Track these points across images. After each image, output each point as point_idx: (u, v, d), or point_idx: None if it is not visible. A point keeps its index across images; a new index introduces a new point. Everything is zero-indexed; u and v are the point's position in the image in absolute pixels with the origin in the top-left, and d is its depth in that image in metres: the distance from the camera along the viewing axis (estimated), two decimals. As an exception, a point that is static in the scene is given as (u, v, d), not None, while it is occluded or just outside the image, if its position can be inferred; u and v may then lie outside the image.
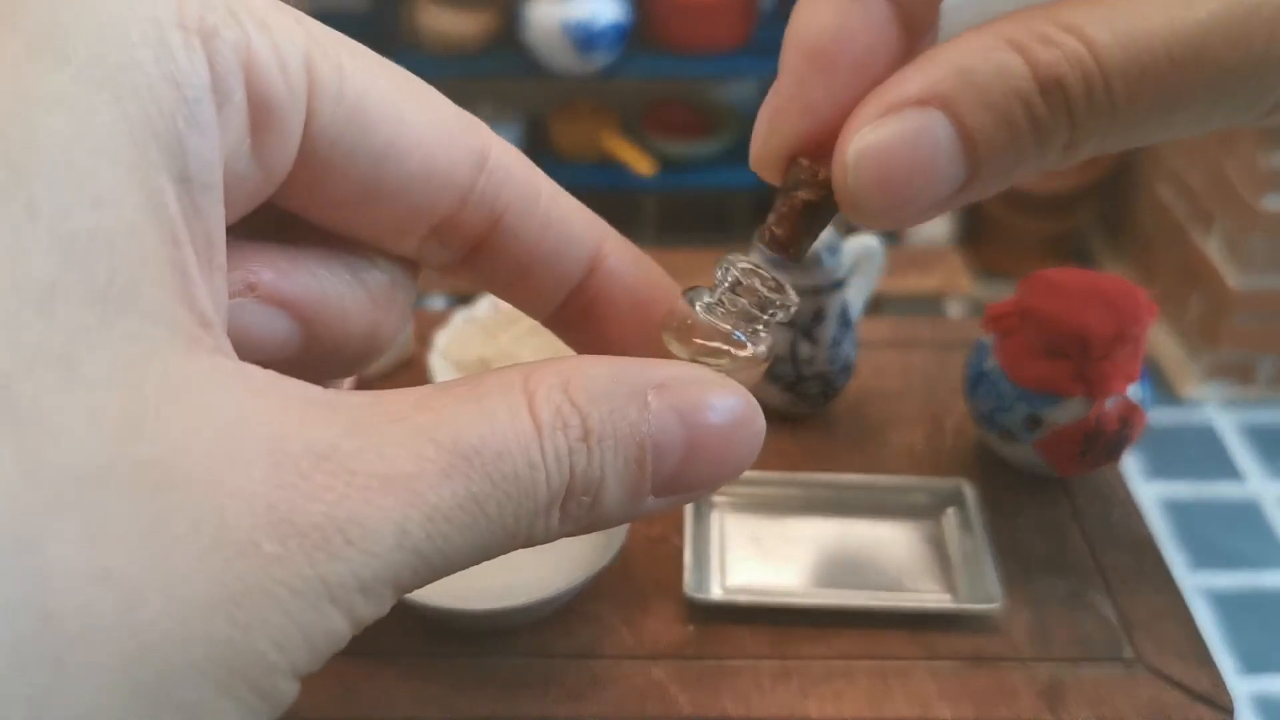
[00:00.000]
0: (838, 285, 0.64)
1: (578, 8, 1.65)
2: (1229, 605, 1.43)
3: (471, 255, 0.21)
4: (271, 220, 0.20)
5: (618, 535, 0.53)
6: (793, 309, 0.22)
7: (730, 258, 0.22)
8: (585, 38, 1.66)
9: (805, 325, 0.65)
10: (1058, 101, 0.18)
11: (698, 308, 0.21)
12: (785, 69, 0.21)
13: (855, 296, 0.70)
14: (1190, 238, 1.77)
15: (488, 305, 0.71)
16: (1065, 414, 0.60)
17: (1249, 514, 1.57)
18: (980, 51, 0.19)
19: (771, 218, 0.23)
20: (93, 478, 0.13)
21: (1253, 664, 1.36)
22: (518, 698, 0.51)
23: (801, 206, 0.22)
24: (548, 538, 0.18)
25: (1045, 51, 0.18)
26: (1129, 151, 1.96)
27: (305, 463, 0.15)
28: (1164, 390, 1.76)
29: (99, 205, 0.14)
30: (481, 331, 0.70)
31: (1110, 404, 0.60)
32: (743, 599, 0.56)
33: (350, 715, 0.50)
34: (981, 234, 1.99)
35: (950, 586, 0.57)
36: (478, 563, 0.17)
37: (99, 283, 0.14)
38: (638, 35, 1.74)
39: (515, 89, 1.88)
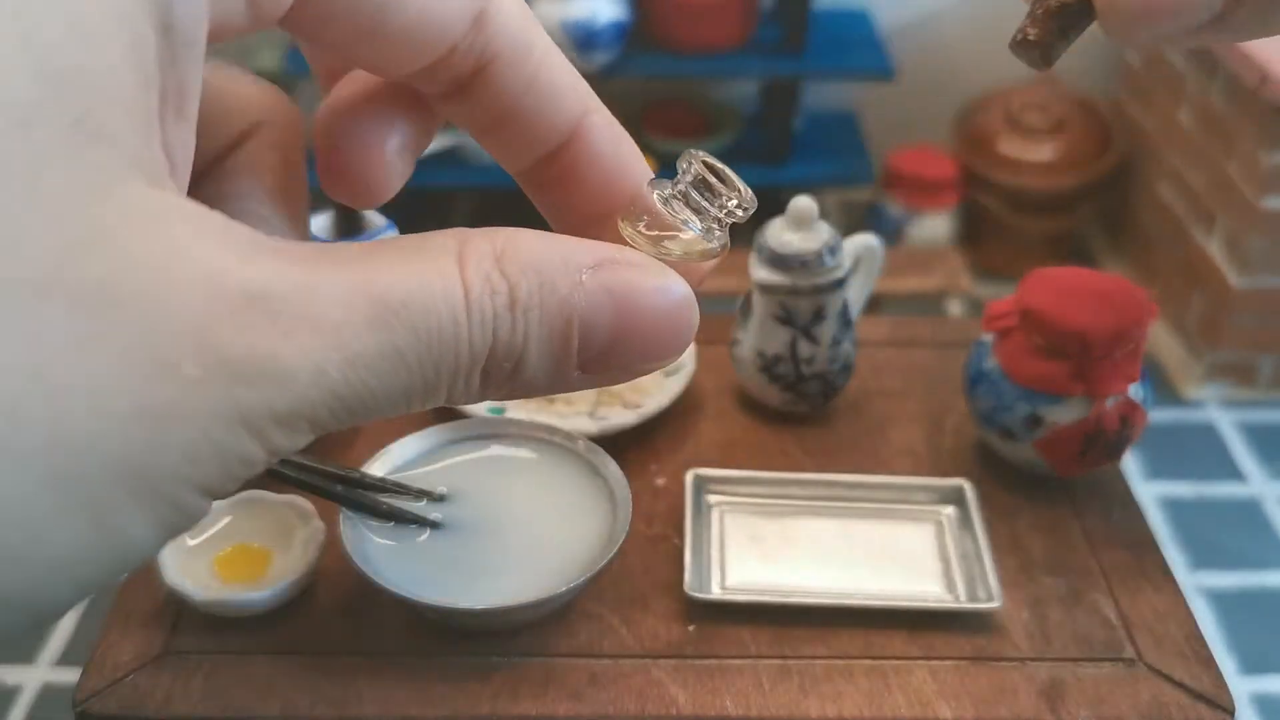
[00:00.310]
0: (838, 284, 0.64)
1: (577, 7, 1.64)
2: (1229, 605, 1.43)
3: (455, 94, 0.22)
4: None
5: (618, 534, 0.53)
6: (750, 208, 0.22)
7: (692, 152, 0.22)
8: (585, 37, 1.66)
9: (805, 324, 0.65)
10: None
11: (655, 197, 0.22)
12: None
13: (855, 296, 0.70)
14: (1191, 237, 1.77)
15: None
16: (1065, 413, 0.60)
17: (1250, 514, 1.56)
18: None
19: (1025, 21, 0.24)
20: (39, 287, 0.14)
21: (1253, 664, 1.36)
22: (518, 697, 0.51)
23: (1057, 8, 0.23)
24: (469, 399, 0.18)
25: None
26: (1129, 151, 1.96)
27: (237, 299, 0.15)
28: (1164, 390, 1.76)
29: (86, 43, 0.15)
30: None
31: (1111, 403, 0.60)
32: (742, 598, 0.56)
33: (351, 714, 0.50)
34: (981, 234, 1.99)
35: (950, 586, 0.57)
36: (400, 412, 0.18)
37: (74, 113, 0.15)
38: (638, 35, 1.74)
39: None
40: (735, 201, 0.22)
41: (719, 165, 0.22)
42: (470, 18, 0.20)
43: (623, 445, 0.64)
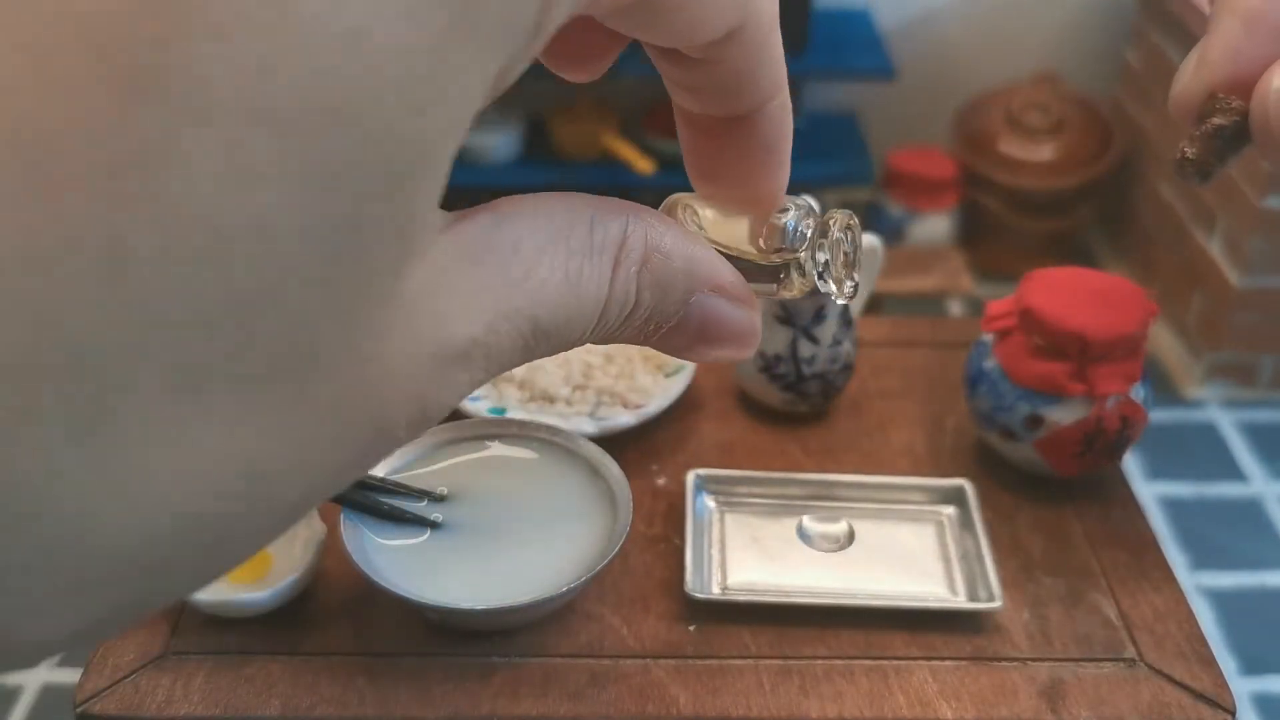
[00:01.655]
0: (838, 285, 0.64)
1: (578, 7, 1.64)
2: (1230, 605, 1.43)
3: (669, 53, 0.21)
4: None
5: (618, 535, 0.53)
6: (843, 298, 0.23)
7: (852, 219, 0.23)
8: (586, 38, 1.66)
9: (806, 324, 0.65)
10: None
11: (788, 222, 0.22)
12: (1216, 26, 0.25)
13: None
14: (1192, 237, 1.77)
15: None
16: (1066, 414, 0.60)
17: (1250, 514, 1.56)
18: None
19: (1184, 143, 0.26)
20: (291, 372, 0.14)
21: (1254, 664, 1.35)
22: (518, 698, 0.51)
23: (1214, 130, 0.26)
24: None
25: None
26: (1129, 151, 1.96)
27: (451, 361, 0.17)
28: (1165, 390, 1.76)
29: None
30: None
31: (1111, 404, 0.60)
32: (743, 598, 0.56)
33: (351, 714, 0.50)
34: (981, 234, 1.99)
35: (950, 586, 0.57)
36: None
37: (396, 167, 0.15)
38: (638, 35, 1.74)
39: (516, 89, 1.87)
40: (840, 287, 0.22)
41: (858, 244, 0.23)
42: (730, 26, 0.20)
43: (623, 445, 0.64)
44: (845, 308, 0.66)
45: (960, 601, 0.56)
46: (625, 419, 0.65)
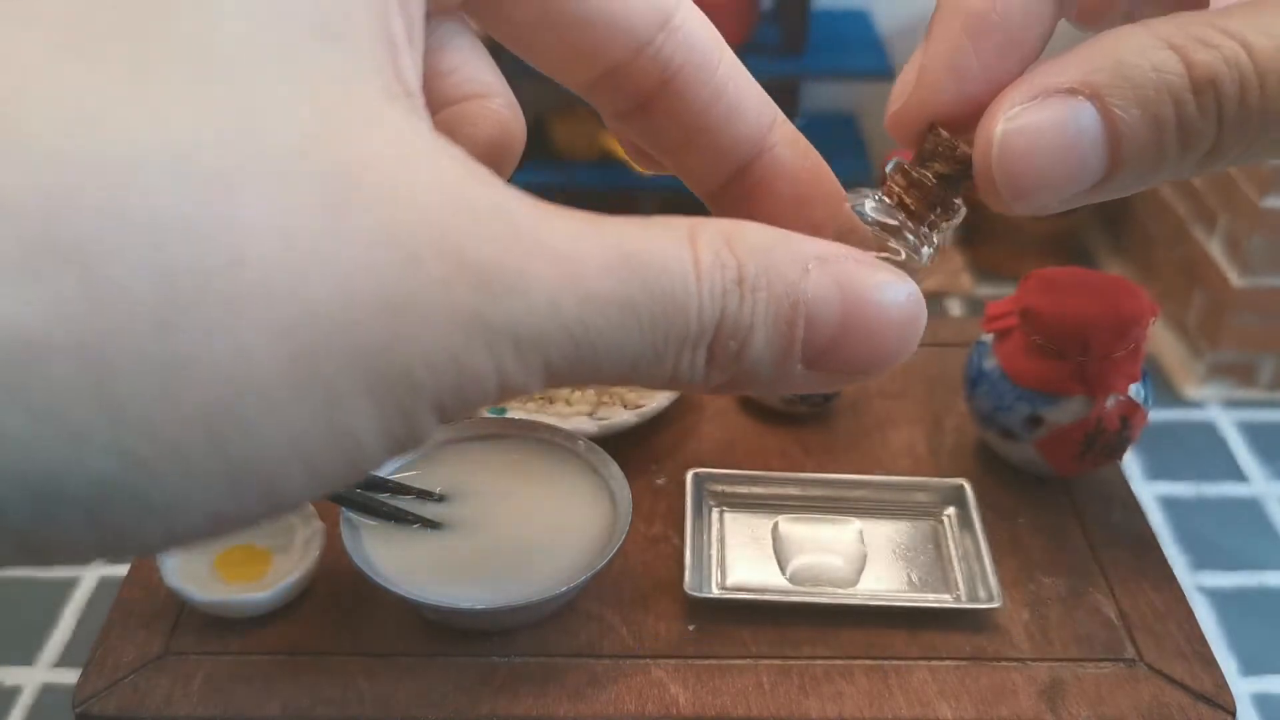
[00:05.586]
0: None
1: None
2: (1230, 605, 1.43)
3: (641, 110, 0.22)
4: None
5: (618, 535, 0.53)
6: (957, 217, 0.21)
7: (901, 163, 0.21)
8: (585, 37, 1.66)
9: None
10: (1209, 102, 0.18)
11: (856, 212, 0.21)
12: (937, 33, 0.21)
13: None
14: (1192, 237, 1.77)
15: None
16: (1066, 413, 0.60)
17: (1250, 514, 1.56)
18: (1136, 48, 0.19)
19: (901, 182, 0.22)
20: (288, 156, 0.14)
21: (1254, 664, 1.35)
22: (518, 697, 0.51)
23: (935, 180, 0.22)
24: (694, 376, 0.18)
25: (1202, 52, 0.18)
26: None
27: (483, 208, 0.15)
28: (1165, 389, 1.76)
29: None
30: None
31: (1111, 403, 0.60)
32: (742, 597, 0.56)
33: (351, 714, 0.50)
34: (981, 234, 1.99)
35: (950, 586, 0.57)
36: (624, 380, 0.17)
37: (332, 25, 0.15)
38: (638, 35, 1.75)
39: (515, 89, 1.87)
40: (952, 205, 0.21)
41: (927, 175, 0.21)
42: (657, 20, 0.20)
43: (623, 445, 0.64)
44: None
45: (960, 601, 0.56)
46: (625, 419, 0.65)
